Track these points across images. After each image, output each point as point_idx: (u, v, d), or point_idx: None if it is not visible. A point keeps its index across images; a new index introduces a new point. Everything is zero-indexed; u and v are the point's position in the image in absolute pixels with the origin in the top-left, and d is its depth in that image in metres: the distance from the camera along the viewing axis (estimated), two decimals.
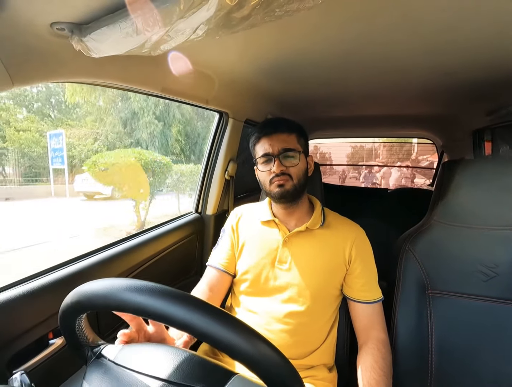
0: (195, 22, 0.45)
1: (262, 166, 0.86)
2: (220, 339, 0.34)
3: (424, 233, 0.92)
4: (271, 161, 0.83)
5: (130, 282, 0.38)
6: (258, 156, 0.86)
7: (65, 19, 0.50)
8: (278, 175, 0.81)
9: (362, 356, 0.75)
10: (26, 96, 10.05)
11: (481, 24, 0.62)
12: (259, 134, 0.86)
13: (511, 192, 0.84)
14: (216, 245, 0.97)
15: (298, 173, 0.83)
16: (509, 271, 0.82)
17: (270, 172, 0.83)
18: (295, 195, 0.83)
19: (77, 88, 8.49)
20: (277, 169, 0.81)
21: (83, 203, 6.77)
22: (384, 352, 0.75)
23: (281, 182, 0.81)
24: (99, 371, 0.44)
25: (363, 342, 0.79)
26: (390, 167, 7.92)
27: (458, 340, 0.83)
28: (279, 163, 0.81)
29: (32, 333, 0.63)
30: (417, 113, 1.72)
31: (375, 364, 0.71)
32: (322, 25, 0.64)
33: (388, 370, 0.71)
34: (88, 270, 0.76)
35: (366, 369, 0.71)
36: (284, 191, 0.82)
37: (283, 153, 0.82)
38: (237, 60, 0.88)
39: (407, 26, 0.64)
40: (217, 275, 0.90)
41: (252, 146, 0.89)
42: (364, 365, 0.73)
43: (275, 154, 0.82)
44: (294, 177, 0.82)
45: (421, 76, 1.00)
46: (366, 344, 0.78)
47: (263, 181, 0.86)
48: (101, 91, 9.15)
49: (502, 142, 1.57)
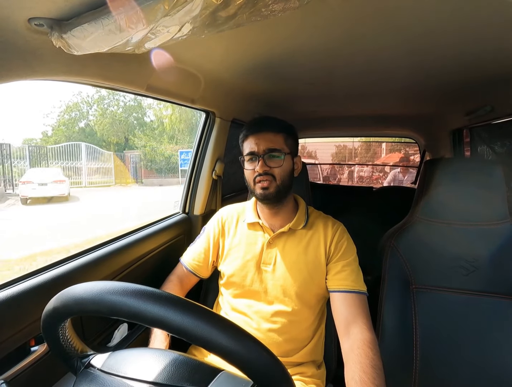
0: (180, 20, 0.45)
1: (247, 165, 0.86)
2: (212, 341, 0.34)
3: (408, 230, 0.95)
4: (256, 160, 0.82)
5: (119, 284, 0.37)
6: (244, 154, 0.86)
7: (44, 15, 0.49)
8: (261, 175, 0.81)
9: (350, 367, 0.65)
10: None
11: (460, 28, 0.64)
12: (246, 132, 0.86)
13: (488, 190, 0.87)
14: (193, 242, 0.99)
15: (282, 174, 0.83)
16: (487, 265, 0.86)
17: (254, 171, 0.83)
18: (278, 196, 0.83)
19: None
20: (260, 169, 0.81)
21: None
22: (372, 357, 0.65)
23: (264, 184, 0.81)
24: (88, 380, 0.44)
25: (348, 347, 0.70)
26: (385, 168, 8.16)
27: (442, 333, 0.86)
28: (263, 163, 0.81)
29: (13, 340, 0.60)
30: (400, 113, 1.77)
31: (365, 376, 0.61)
32: (308, 26, 0.64)
33: (380, 381, 0.61)
34: (70, 274, 0.73)
35: (357, 385, 0.60)
36: (268, 193, 0.82)
37: (268, 153, 0.82)
38: (223, 60, 0.88)
39: (390, 29, 0.65)
40: (185, 273, 0.95)
41: (241, 143, 0.89)
42: (353, 380, 0.61)
43: (260, 153, 0.82)
44: (278, 178, 0.82)
45: (403, 77, 1.03)
46: (352, 350, 0.68)
47: (248, 179, 0.87)
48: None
49: (479, 142, 1.63)
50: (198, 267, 0.94)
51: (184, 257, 0.98)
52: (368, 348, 0.67)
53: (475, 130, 1.62)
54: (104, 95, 15.00)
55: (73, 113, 15.30)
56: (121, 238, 0.98)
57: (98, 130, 15.02)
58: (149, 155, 12.67)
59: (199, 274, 0.95)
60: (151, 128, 15.16)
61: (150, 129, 15.00)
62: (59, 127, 15.12)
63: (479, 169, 0.90)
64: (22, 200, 7.37)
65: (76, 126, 15.36)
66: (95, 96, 15.07)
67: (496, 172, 0.87)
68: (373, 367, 0.63)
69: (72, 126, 15.19)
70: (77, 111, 15.43)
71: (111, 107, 15.65)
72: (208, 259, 0.94)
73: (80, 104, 15.39)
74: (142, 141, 13.27)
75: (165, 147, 13.18)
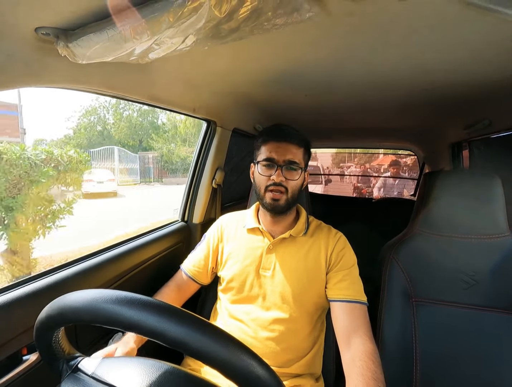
0: (184, 32, 0.46)
1: (262, 170, 0.85)
2: (210, 354, 0.33)
3: (407, 242, 0.94)
4: (273, 168, 0.82)
5: (115, 293, 0.37)
6: (260, 159, 0.85)
7: (51, 24, 0.50)
8: (276, 185, 0.81)
9: (352, 380, 0.63)
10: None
11: (459, 45, 0.65)
12: (268, 137, 0.85)
13: (487, 203, 0.87)
14: (193, 250, 0.99)
15: (294, 188, 0.83)
16: (487, 279, 0.85)
17: (269, 178, 0.82)
18: (285, 209, 0.84)
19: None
20: (277, 179, 0.81)
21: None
22: (374, 370, 0.64)
23: (277, 196, 0.81)
24: (76, 386, 0.42)
25: (349, 358, 0.68)
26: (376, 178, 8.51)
27: (442, 347, 0.85)
28: (280, 173, 0.81)
29: (4, 349, 0.59)
30: (400, 126, 1.79)
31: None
32: (309, 39, 0.66)
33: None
34: (65, 282, 0.72)
35: None
36: (277, 205, 0.82)
37: (288, 165, 0.82)
38: (225, 71, 0.89)
39: (390, 44, 0.66)
40: (185, 280, 0.94)
41: (258, 146, 0.88)
42: None
43: (280, 163, 0.81)
44: (290, 191, 0.82)
45: (403, 91, 1.04)
46: (353, 361, 0.66)
47: (259, 184, 0.86)
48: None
49: (478, 155, 1.64)
50: (198, 273, 0.94)
51: (184, 263, 0.98)
52: (370, 360, 0.66)
53: (474, 143, 1.64)
54: (120, 101, 15.82)
55: (91, 118, 16.41)
56: (119, 245, 0.97)
57: (115, 134, 16.18)
58: (166, 157, 13.65)
59: (199, 280, 0.95)
60: (163, 131, 16.31)
61: (163, 132, 16.07)
62: (80, 130, 16.29)
63: (478, 182, 0.90)
64: (84, 195, 8.60)
65: (95, 129, 16.51)
66: (112, 101, 16.36)
67: (495, 185, 0.87)
68: (375, 380, 0.62)
69: (91, 129, 16.28)
70: (96, 115, 16.57)
71: (126, 112, 16.84)
72: (207, 265, 0.94)
73: (98, 109, 16.55)
74: (159, 144, 14.24)
75: (179, 149, 14.01)
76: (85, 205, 6.20)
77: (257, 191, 0.87)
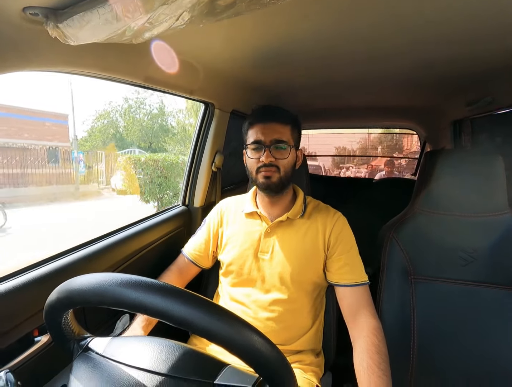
0: (178, 9, 0.44)
1: (251, 153, 0.85)
2: (215, 332, 0.34)
3: (408, 221, 0.95)
4: (261, 150, 0.82)
5: (126, 277, 0.38)
6: (249, 143, 0.85)
7: (39, 4, 0.48)
8: (266, 166, 0.81)
9: (358, 354, 0.70)
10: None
11: (461, 19, 0.63)
12: (253, 120, 0.85)
13: (488, 181, 0.87)
14: (194, 234, 1.00)
15: (286, 166, 0.83)
16: (485, 255, 0.86)
17: (258, 160, 0.82)
18: (280, 187, 0.84)
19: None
20: (266, 160, 0.80)
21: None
22: (378, 344, 0.70)
23: (268, 173, 0.81)
24: (88, 365, 0.44)
25: (356, 334, 0.75)
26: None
27: (439, 322, 0.87)
28: (268, 153, 0.80)
29: (17, 331, 0.61)
30: (401, 104, 1.75)
31: (371, 362, 0.67)
32: (307, 15, 0.63)
33: (386, 366, 0.67)
34: (72, 266, 0.74)
35: (364, 370, 0.66)
36: (270, 183, 0.82)
37: (275, 144, 0.81)
38: (222, 50, 0.87)
39: (390, 19, 0.64)
40: (186, 263, 0.96)
41: (245, 131, 0.88)
42: (361, 365, 0.68)
43: (267, 144, 0.81)
44: (282, 169, 0.82)
45: (404, 68, 1.02)
46: (360, 337, 0.73)
47: (250, 168, 0.86)
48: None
49: (480, 133, 1.63)
50: (198, 257, 0.96)
51: (185, 247, 0.99)
52: (374, 335, 0.72)
53: (476, 121, 1.61)
54: (131, 105, 17.74)
55: (105, 121, 17.67)
56: (122, 230, 0.98)
57: (128, 136, 17.63)
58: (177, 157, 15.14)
59: (200, 264, 0.96)
60: (172, 133, 17.45)
61: (172, 134, 17.24)
62: (95, 133, 17.46)
63: (480, 160, 0.89)
64: (117, 191, 9.99)
65: (109, 132, 17.83)
66: (125, 106, 17.77)
67: (497, 164, 0.87)
68: (378, 353, 0.69)
69: (105, 132, 17.54)
70: (109, 118, 17.81)
71: (137, 115, 18.20)
72: (208, 249, 0.95)
73: (110, 113, 17.83)
74: (171, 146, 15.24)
75: (188, 150, 15.49)
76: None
77: (250, 175, 0.87)
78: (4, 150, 8.59)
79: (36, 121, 10.38)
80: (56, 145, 10.34)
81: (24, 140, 9.50)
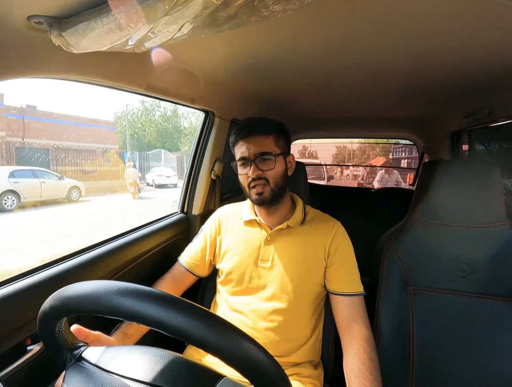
0: (180, 20, 0.45)
1: (240, 169, 0.86)
2: (211, 342, 0.34)
3: (406, 231, 0.95)
4: (248, 165, 0.82)
5: (123, 285, 0.37)
6: (236, 159, 0.86)
7: (44, 12, 0.48)
8: (254, 180, 0.81)
9: (349, 360, 0.72)
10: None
11: (460, 32, 0.64)
12: (236, 136, 0.86)
13: (486, 192, 0.88)
14: (191, 242, 0.99)
15: (275, 177, 0.83)
16: (484, 267, 0.86)
17: (247, 176, 0.82)
18: (274, 199, 0.84)
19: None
20: (252, 174, 0.81)
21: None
22: (370, 352, 0.72)
23: (259, 190, 0.82)
24: (81, 375, 0.43)
25: (347, 341, 0.76)
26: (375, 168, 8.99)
27: (439, 334, 0.86)
28: (255, 167, 0.81)
29: (8, 339, 0.60)
30: (399, 115, 1.77)
31: (363, 367, 0.68)
32: (308, 27, 0.64)
33: (377, 372, 0.68)
34: (67, 273, 0.73)
35: (356, 375, 0.67)
36: (263, 198, 0.82)
37: (259, 157, 0.81)
38: (222, 59, 0.88)
39: (389, 32, 0.65)
40: (182, 272, 0.95)
41: (232, 148, 0.89)
42: (352, 371, 0.69)
43: (251, 158, 0.81)
44: (271, 181, 0.82)
45: (403, 79, 1.03)
46: (351, 344, 0.74)
47: (243, 184, 0.87)
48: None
49: (478, 144, 1.64)
50: (195, 266, 0.95)
51: (182, 256, 0.98)
52: (366, 343, 0.73)
53: (474, 132, 1.63)
54: (147, 108, 19.70)
55: (123, 123, 19.56)
56: (119, 237, 0.97)
57: (145, 137, 19.53)
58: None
59: (196, 273, 0.95)
60: (184, 134, 19.27)
61: (184, 135, 19.00)
62: (117, 134, 19.16)
63: (477, 171, 0.90)
64: (156, 186, 12.26)
65: (128, 133, 19.75)
66: (141, 108, 19.83)
67: (494, 175, 0.87)
68: (370, 360, 0.70)
69: (124, 133, 19.40)
70: (127, 120, 19.83)
71: (152, 117, 20.29)
72: (205, 257, 0.94)
73: (128, 115, 20.03)
74: (185, 147, 16.33)
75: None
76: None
77: (244, 191, 0.88)
78: (76, 152, 12.14)
79: (94, 128, 13.84)
80: (110, 148, 14.02)
81: (87, 143, 13.15)
